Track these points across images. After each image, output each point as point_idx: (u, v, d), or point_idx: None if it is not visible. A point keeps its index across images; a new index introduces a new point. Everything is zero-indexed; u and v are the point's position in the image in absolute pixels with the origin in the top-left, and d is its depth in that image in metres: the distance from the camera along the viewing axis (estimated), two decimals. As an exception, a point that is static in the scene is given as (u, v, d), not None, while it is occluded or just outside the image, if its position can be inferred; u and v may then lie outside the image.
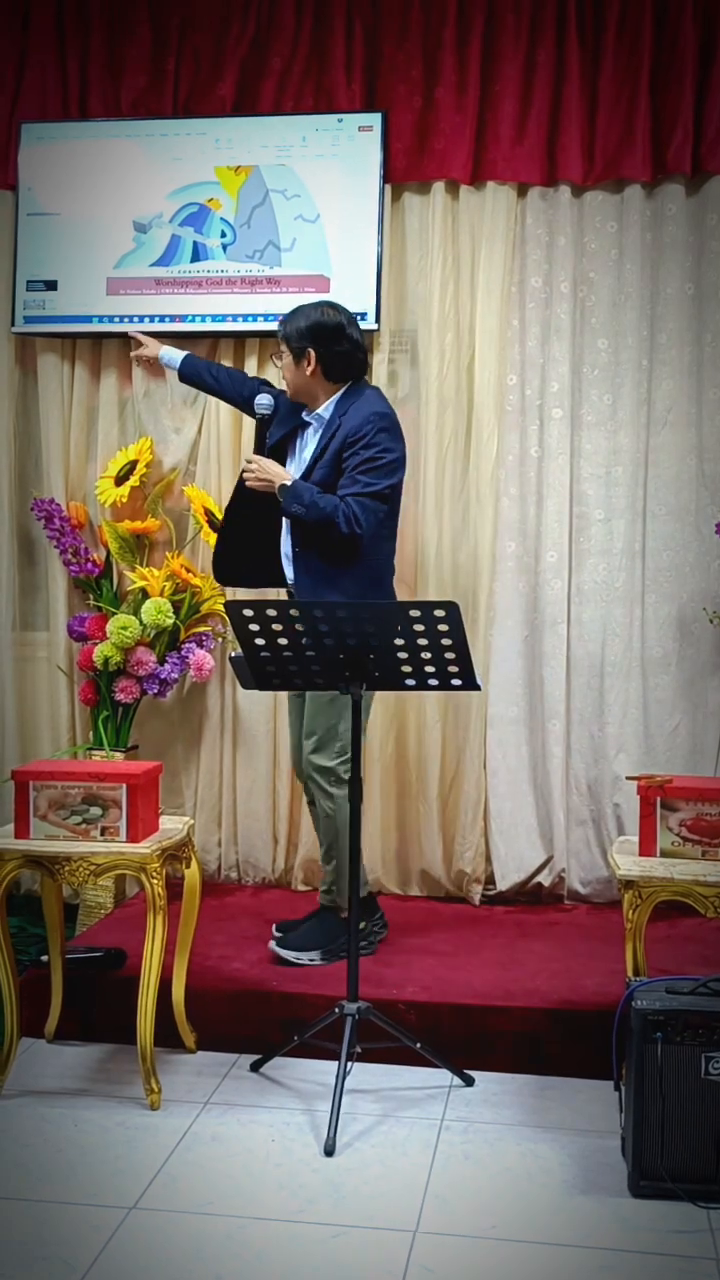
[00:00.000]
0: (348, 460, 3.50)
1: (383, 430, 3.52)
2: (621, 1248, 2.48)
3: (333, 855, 3.69)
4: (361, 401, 3.59)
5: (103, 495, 4.33)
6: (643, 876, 2.98)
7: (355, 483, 3.48)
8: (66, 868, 3.08)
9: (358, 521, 3.44)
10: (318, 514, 3.46)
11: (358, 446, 3.49)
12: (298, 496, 3.48)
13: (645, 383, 4.22)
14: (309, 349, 3.55)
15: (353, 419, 3.53)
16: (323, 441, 3.58)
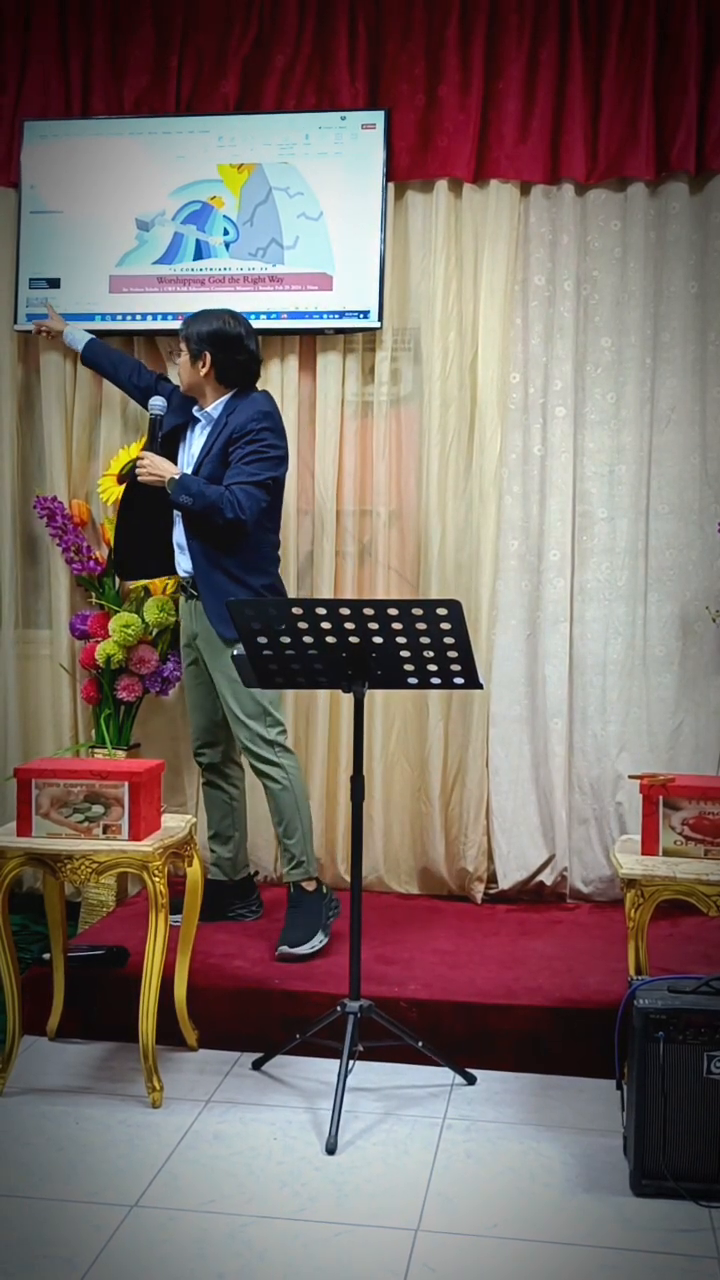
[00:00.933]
0: (234, 453, 3.70)
1: (267, 428, 3.73)
2: (624, 1247, 2.48)
3: (295, 828, 3.79)
4: (248, 402, 3.80)
5: (105, 493, 4.33)
6: (645, 875, 2.98)
7: (240, 473, 3.68)
8: (68, 866, 3.08)
9: (241, 508, 3.63)
10: (204, 503, 3.64)
11: (243, 440, 3.70)
12: (185, 488, 3.67)
13: (648, 381, 4.22)
14: (206, 352, 3.77)
15: (239, 417, 3.74)
16: (210, 439, 3.78)
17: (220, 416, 3.79)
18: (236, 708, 3.76)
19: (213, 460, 3.73)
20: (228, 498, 3.62)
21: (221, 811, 4.06)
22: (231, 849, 4.05)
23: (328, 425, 4.33)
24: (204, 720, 3.98)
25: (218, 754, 4.00)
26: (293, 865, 3.80)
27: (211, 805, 4.07)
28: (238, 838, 4.07)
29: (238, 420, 3.73)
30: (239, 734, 3.80)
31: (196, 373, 3.79)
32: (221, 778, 4.04)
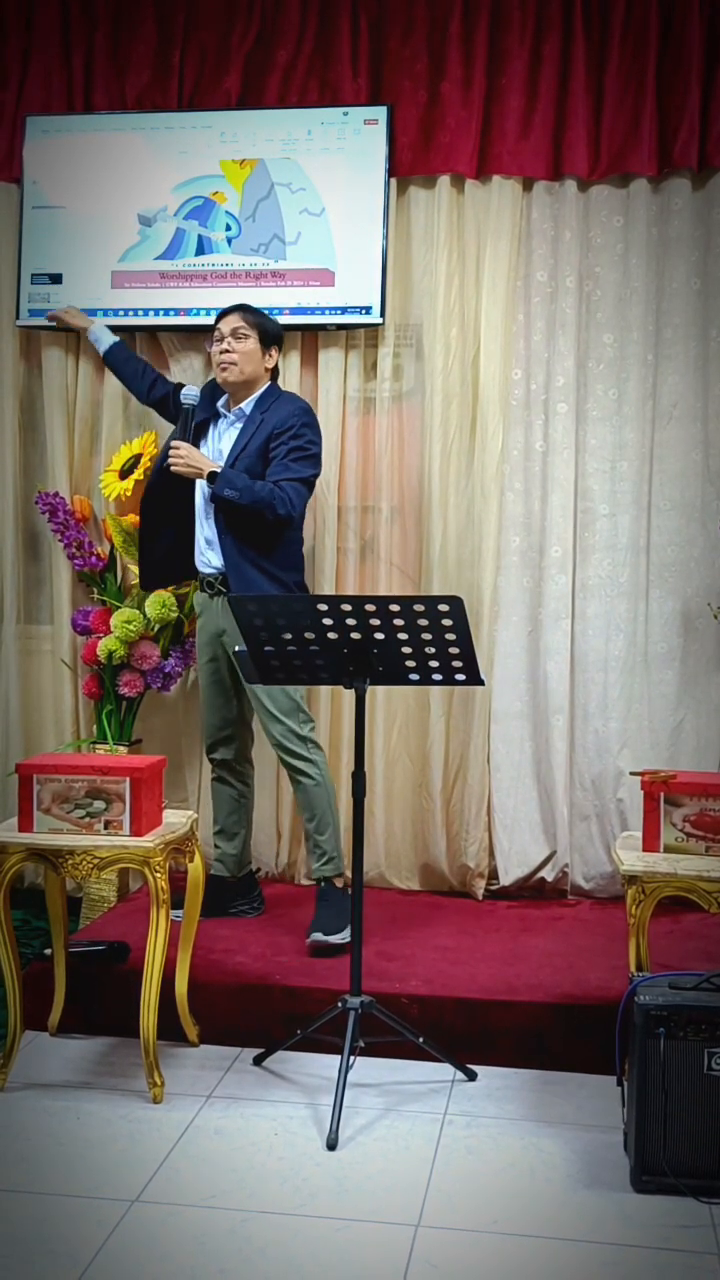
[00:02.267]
0: (277, 449, 3.70)
1: (308, 424, 3.77)
2: (624, 1243, 2.48)
3: (328, 823, 3.80)
4: (285, 399, 3.85)
5: (107, 489, 4.33)
6: (646, 872, 2.98)
7: (287, 469, 3.68)
8: (70, 861, 3.08)
9: (291, 504, 3.65)
10: (252, 497, 3.62)
11: (286, 436, 3.70)
12: (229, 482, 3.63)
13: (651, 377, 4.22)
14: (275, 347, 3.85)
15: (279, 413, 3.75)
16: (245, 435, 3.76)
17: (254, 414, 3.79)
18: (270, 704, 3.74)
19: (250, 456, 3.72)
20: (278, 494, 3.62)
21: (230, 808, 4.04)
22: (237, 846, 4.03)
23: (330, 421, 4.32)
24: (219, 718, 3.96)
25: (231, 751, 3.99)
26: (324, 861, 3.81)
27: (220, 801, 4.05)
28: (243, 834, 4.06)
29: (278, 416, 3.73)
30: (271, 730, 3.78)
31: (262, 364, 3.81)
32: (233, 775, 4.02)
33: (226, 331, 3.79)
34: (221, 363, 3.80)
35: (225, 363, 3.79)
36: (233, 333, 3.78)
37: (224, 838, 4.03)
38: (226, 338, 3.78)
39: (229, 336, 3.78)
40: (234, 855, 4.03)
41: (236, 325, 3.78)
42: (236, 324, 3.79)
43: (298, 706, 3.79)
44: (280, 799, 4.41)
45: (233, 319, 3.81)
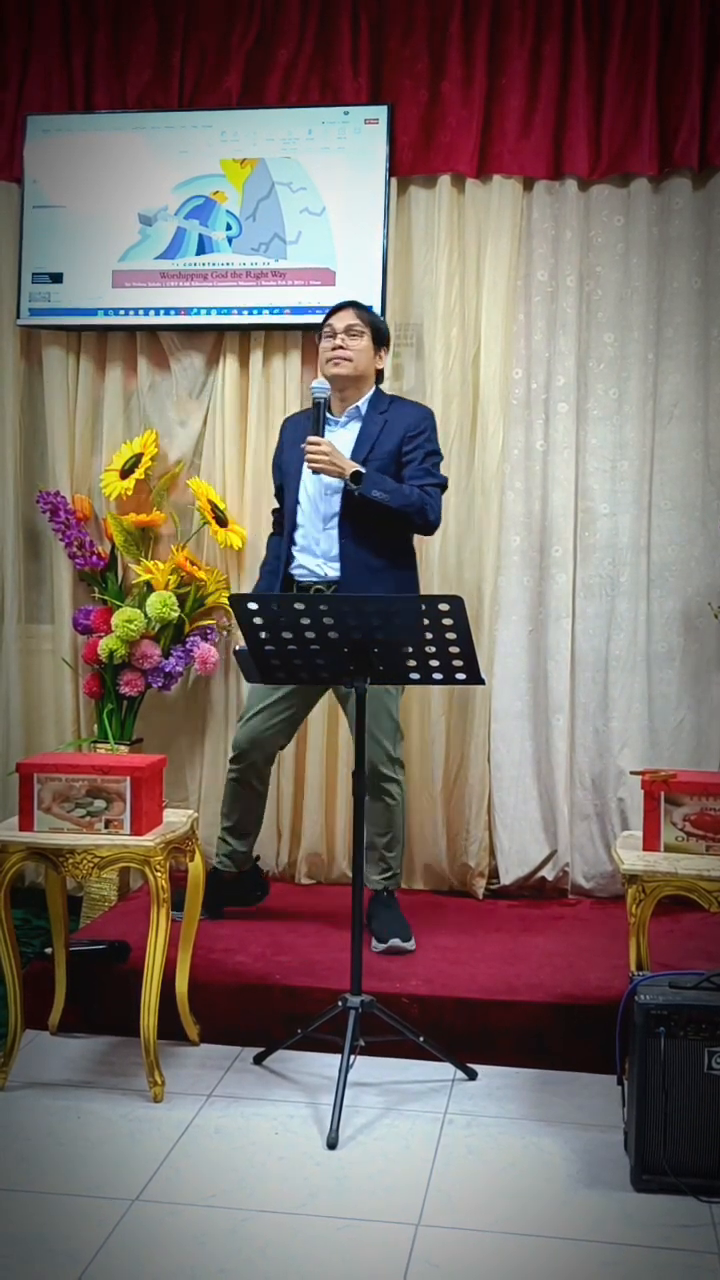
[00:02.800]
0: (412, 453, 3.62)
1: (434, 429, 3.73)
2: (624, 1242, 2.48)
3: (398, 841, 3.82)
4: (406, 401, 3.80)
5: (108, 488, 4.33)
6: (646, 871, 2.98)
7: (429, 474, 3.63)
8: (70, 860, 3.08)
9: (439, 511, 3.62)
10: (403, 500, 3.53)
11: (420, 440, 3.64)
12: (378, 482, 3.52)
13: (651, 377, 4.22)
14: (385, 349, 3.75)
15: (407, 415, 3.69)
16: (369, 436, 3.65)
17: (370, 414, 3.69)
18: (373, 724, 3.61)
19: (382, 458, 3.61)
20: (427, 499, 3.57)
21: (248, 805, 3.89)
22: (248, 844, 3.94)
23: (330, 421, 4.33)
24: (269, 725, 3.76)
25: (262, 755, 3.83)
26: (390, 875, 3.81)
27: (237, 799, 3.88)
28: (256, 833, 3.97)
29: (407, 419, 3.67)
30: (372, 750, 3.59)
31: (374, 362, 3.72)
32: (258, 778, 3.88)
33: (340, 328, 3.67)
34: (334, 358, 3.65)
35: (338, 358, 3.65)
36: (346, 329, 3.66)
37: (236, 835, 3.91)
38: (340, 334, 3.66)
39: (342, 333, 3.66)
40: (244, 852, 3.93)
41: (351, 322, 3.67)
42: (351, 321, 3.67)
43: (397, 726, 3.76)
44: (280, 799, 4.41)
45: (346, 315, 3.69)
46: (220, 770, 4.46)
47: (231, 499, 4.39)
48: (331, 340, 3.68)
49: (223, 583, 4.38)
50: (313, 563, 3.69)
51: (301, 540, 3.71)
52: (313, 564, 3.69)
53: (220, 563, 4.42)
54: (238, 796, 3.90)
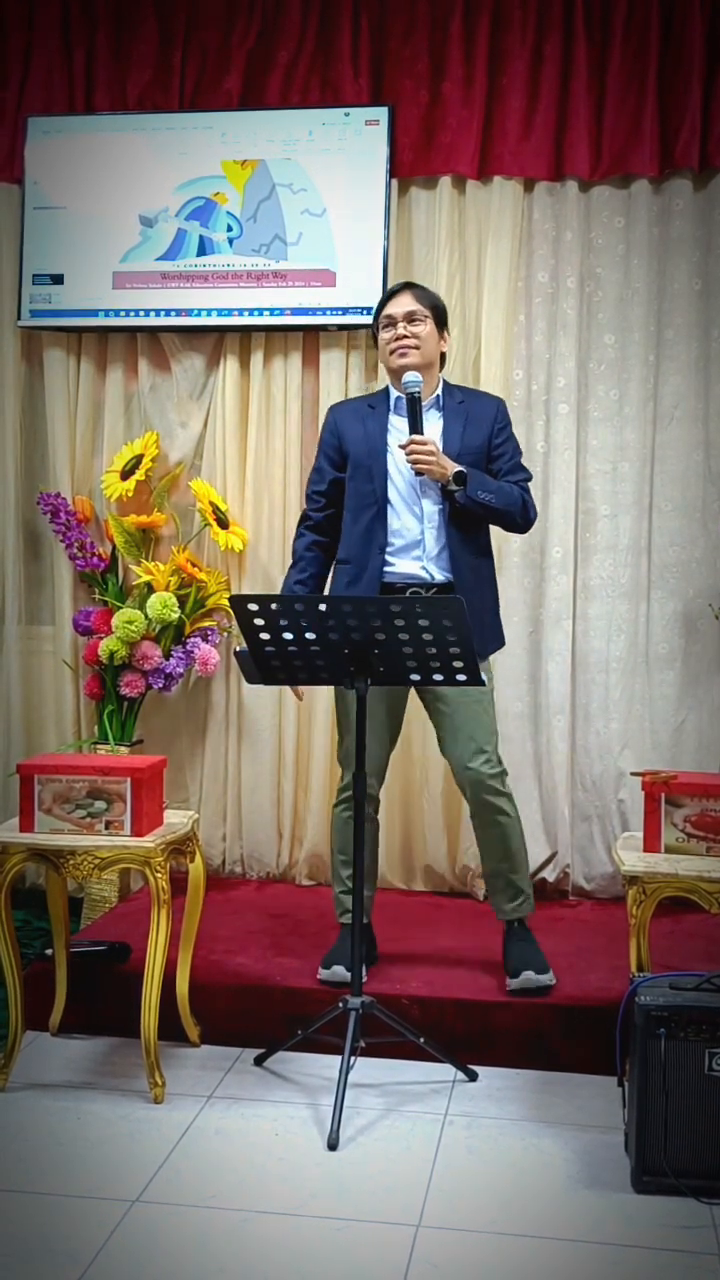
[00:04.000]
0: (503, 447, 3.46)
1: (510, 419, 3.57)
2: (624, 1243, 2.48)
3: (522, 861, 3.47)
4: (473, 391, 3.63)
5: (109, 489, 4.33)
6: (647, 872, 2.98)
7: (521, 469, 3.48)
8: (71, 861, 3.08)
9: (533, 508, 3.48)
10: (506, 500, 3.37)
11: (508, 432, 3.49)
12: (483, 483, 3.33)
13: (652, 378, 4.22)
14: (447, 327, 3.53)
15: (486, 406, 3.50)
16: (455, 428, 3.41)
17: (449, 403, 3.45)
18: (481, 737, 3.40)
19: (474, 452, 3.40)
20: (526, 497, 3.41)
21: (368, 846, 3.50)
22: (371, 887, 3.59)
23: (331, 421, 4.33)
24: (378, 746, 3.48)
25: (377, 784, 3.54)
26: (521, 901, 3.46)
27: (354, 839, 3.26)
28: (375, 872, 3.67)
29: (489, 410, 3.48)
30: (473, 763, 3.38)
31: (439, 346, 3.47)
32: (375, 808, 3.56)
33: (400, 315, 3.40)
34: (400, 348, 3.39)
35: (404, 347, 3.38)
36: (407, 317, 3.39)
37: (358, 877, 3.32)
38: (400, 321, 3.40)
39: (403, 320, 3.39)
40: (369, 896, 3.56)
41: (411, 309, 3.40)
42: (411, 306, 3.40)
43: (497, 737, 3.46)
44: (281, 800, 4.41)
45: (404, 300, 3.42)
46: (221, 770, 4.47)
47: (232, 500, 4.39)
48: (393, 329, 3.41)
49: (223, 584, 4.38)
50: (413, 565, 3.40)
51: (399, 542, 3.42)
52: (413, 566, 3.40)
53: (221, 564, 4.43)
54: (348, 834, 3.40)
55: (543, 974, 3.34)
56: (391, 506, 3.42)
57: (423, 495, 3.40)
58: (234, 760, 4.45)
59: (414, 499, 3.41)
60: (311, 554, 3.59)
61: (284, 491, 4.39)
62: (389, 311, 3.45)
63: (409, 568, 3.41)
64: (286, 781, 4.41)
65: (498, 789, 3.42)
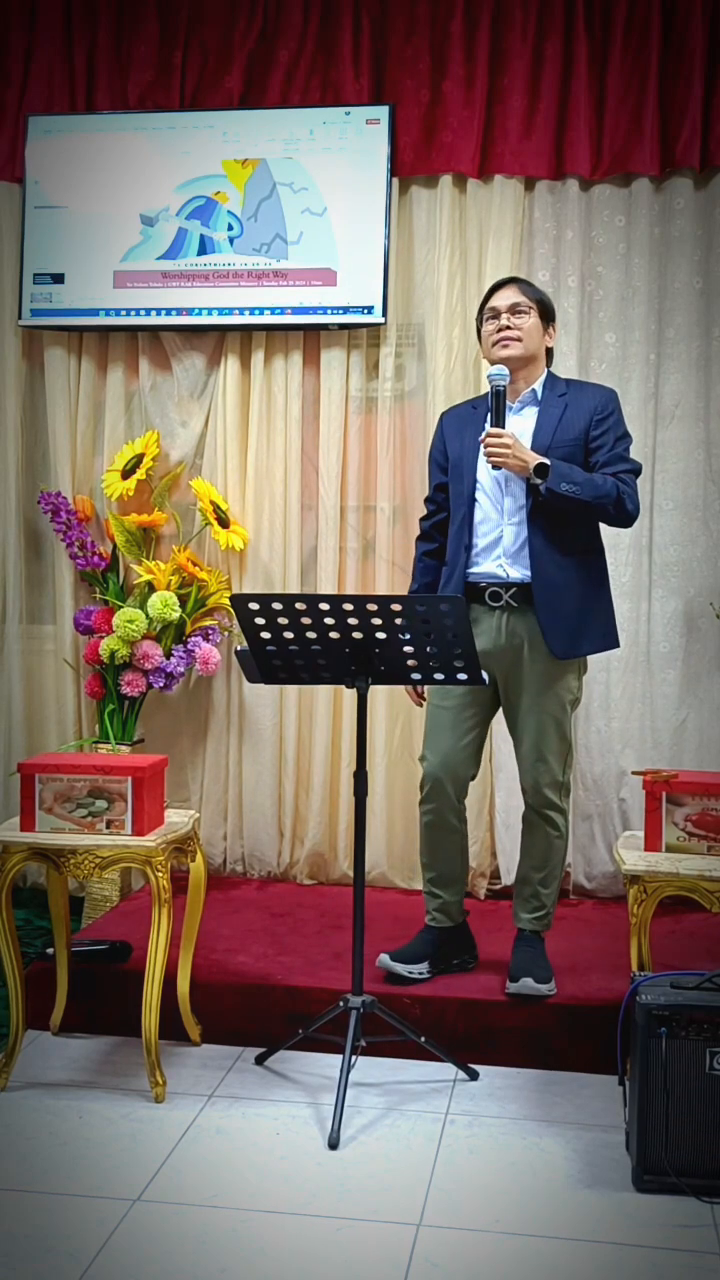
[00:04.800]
0: (602, 438, 3.32)
1: (621, 410, 3.43)
2: (625, 1242, 2.48)
3: (554, 878, 3.45)
4: (582, 383, 3.50)
5: (109, 489, 4.33)
6: (648, 871, 2.98)
7: (623, 460, 3.32)
8: (72, 860, 3.08)
9: (637, 500, 3.31)
10: (595, 492, 3.22)
11: (609, 422, 3.34)
12: (567, 475, 3.20)
13: (653, 377, 4.22)
14: (553, 324, 3.46)
15: (589, 397, 3.38)
16: (550, 420, 3.33)
17: (549, 396, 3.37)
18: (546, 744, 3.36)
19: (569, 444, 3.29)
20: (624, 488, 3.25)
21: (450, 852, 3.50)
22: (456, 893, 3.54)
23: (331, 421, 4.33)
24: (458, 750, 3.42)
25: (457, 786, 3.45)
26: (543, 915, 3.47)
27: (438, 848, 3.47)
28: (465, 877, 3.59)
29: (592, 401, 3.35)
30: (537, 773, 3.35)
31: (544, 341, 3.41)
32: (456, 814, 3.48)
33: (503, 307, 3.36)
34: (502, 339, 3.34)
35: (507, 339, 3.33)
36: (511, 309, 3.35)
37: (442, 884, 3.50)
38: (504, 314, 3.35)
39: (507, 312, 3.35)
40: (455, 902, 3.54)
41: (515, 301, 3.36)
42: (515, 299, 3.36)
43: (570, 749, 3.41)
44: (282, 799, 4.42)
45: (509, 293, 3.38)
46: (221, 770, 4.47)
47: (233, 499, 4.39)
48: (496, 321, 3.37)
49: (224, 583, 4.38)
50: (493, 564, 3.34)
51: (482, 541, 3.36)
52: (494, 566, 3.34)
53: (222, 563, 4.43)
54: (438, 842, 3.47)
55: (543, 984, 3.31)
56: (478, 505, 3.37)
57: (506, 492, 3.33)
58: (235, 759, 4.45)
59: (499, 496, 3.34)
60: (423, 564, 3.59)
61: (285, 491, 4.39)
62: (493, 304, 3.40)
63: (489, 566, 3.36)
64: (287, 781, 4.41)
65: (554, 802, 3.39)
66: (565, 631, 3.30)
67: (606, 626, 3.43)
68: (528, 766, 3.40)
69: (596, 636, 3.40)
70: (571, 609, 3.31)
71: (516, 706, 3.40)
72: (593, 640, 3.40)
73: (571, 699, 3.41)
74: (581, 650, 3.38)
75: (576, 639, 3.34)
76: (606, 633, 3.44)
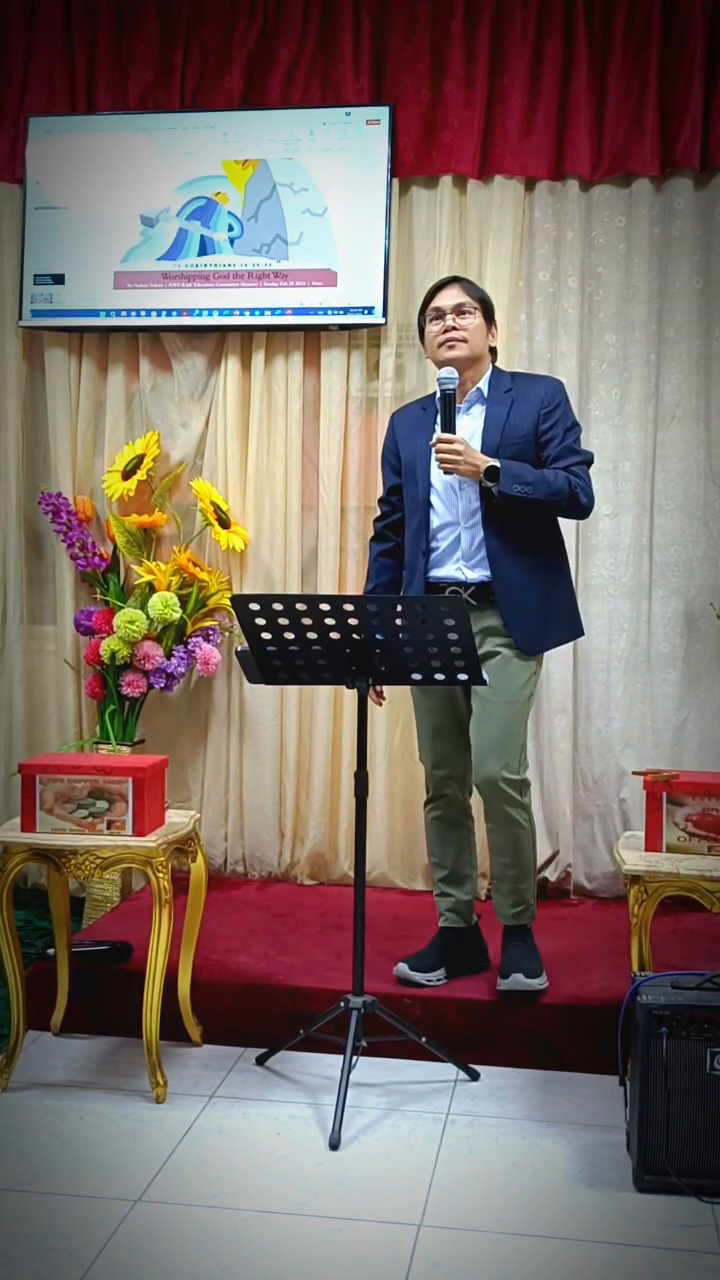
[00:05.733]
0: (551, 431, 3.30)
1: (568, 399, 3.41)
2: (626, 1242, 2.48)
3: (529, 871, 3.42)
4: (527, 376, 3.50)
5: (110, 489, 4.33)
6: (648, 872, 2.98)
7: (573, 452, 3.31)
8: (73, 861, 3.09)
9: (589, 492, 3.29)
10: (548, 490, 3.21)
11: (557, 414, 3.32)
12: (518, 476, 3.19)
13: (653, 377, 4.22)
14: (494, 321, 3.44)
15: (538, 388, 3.36)
16: (498, 417, 3.32)
17: (495, 393, 3.36)
18: (506, 739, 3.31)
19: (519, 442, 3.28)
20: (576, 481, 3.24)
21: (460, 848, 3.52)
22: (468, 891, 3.53)
23: (332, 421, 4.33)
24: (450, 748, 3.46)
25: (459, 782, 3.48)
26: (523, 909, 3.42)
27: (446, 844, 3.51)
28: (474, 876, 3.57)
29: (539, 394, 3.33)
30: (491, 767, 3.30)
31: (488, 339, 3.39)
32: (463, 812, 3.52)
33: (448, 307, 3.34)
34: (448, 340, 3.32)
35: (453, 340, 3.32)
36: (456, 309, 3.33)
37: (453, 883, 3.51)
38: (448, 314, 3.33)
39: (451, 313, 3.33)
40: (467, 901, 3.52)
41: (460, 301, 3.34)
42: (459, 299, 3.35)
43: (524, 744, 3.38)
44: (282, 799, 4.41)
45: (452, 293, 3.36)
46: (222, 771, 4.47)
47: (234, 500, 4.39)
48: (440, 322, 3.35)
49: (225, 584, 4.38)
50: (452, 566, 3.36)
51: (440, 545, 3.37)
52: (453, 569, 3.35)
53: (222, 564, 4.43)
54: (446, 839, 3.52)
55: (533, 978, 3.30)
56: (433, 509, 3.37)
57: (460, 495, 3.33)
58: (235, 760, 4.45)
59: (453, 500, 3.35)
60: (379, 563, 3.59)
61: (285, 491, 4.39)
62: (436, 304, 3.38)
63: (448, 569, 3.36)
64: (288, 781, 4.41)
65: (514, 798, 3.32)
66: (530, 627, 3.33)
67: (570, 617, 3.48)
68: (483, 764, 3.33)
69: (562, 628, 3.46)
70: (535, 605, 3.34)
71: (475, 704, 3.37)
72: (558, 632, 3.46)
73: (528, 695, 3.39)
74: (548, 643, 3.43)
75: (542, 633, 3.38)
76: (571, 623, 3.49)
